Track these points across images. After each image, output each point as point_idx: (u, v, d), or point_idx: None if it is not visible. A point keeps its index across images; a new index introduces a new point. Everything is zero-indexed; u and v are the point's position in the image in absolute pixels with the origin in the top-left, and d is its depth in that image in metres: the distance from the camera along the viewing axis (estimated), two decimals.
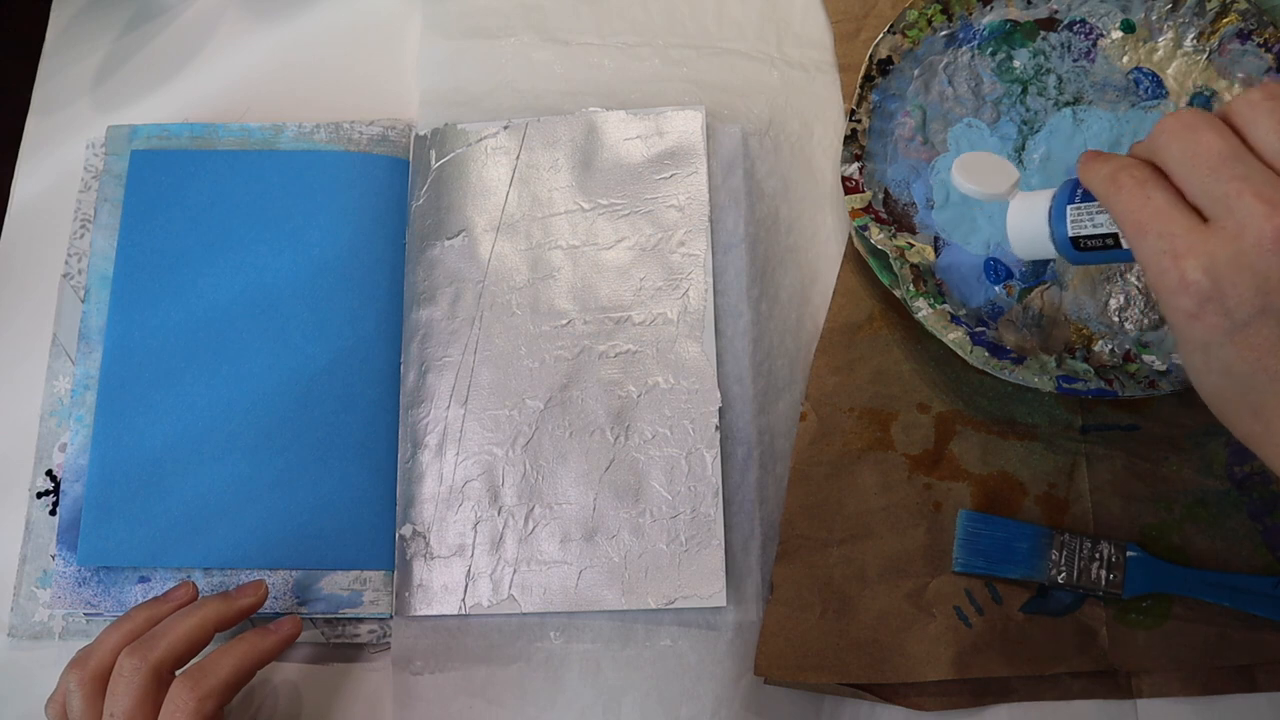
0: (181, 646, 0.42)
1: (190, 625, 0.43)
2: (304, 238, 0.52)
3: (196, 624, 0.43)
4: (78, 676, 0.42)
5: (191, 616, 0.43)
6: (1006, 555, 0.46)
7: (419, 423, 0.50)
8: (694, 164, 0.52)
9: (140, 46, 0.59)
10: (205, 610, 0.44)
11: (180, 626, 0.43)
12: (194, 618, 0.43)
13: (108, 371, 0.51)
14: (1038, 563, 0.45)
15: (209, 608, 0.44)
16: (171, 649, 0.42)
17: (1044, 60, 0.52)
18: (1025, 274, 0.49)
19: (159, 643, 0.42)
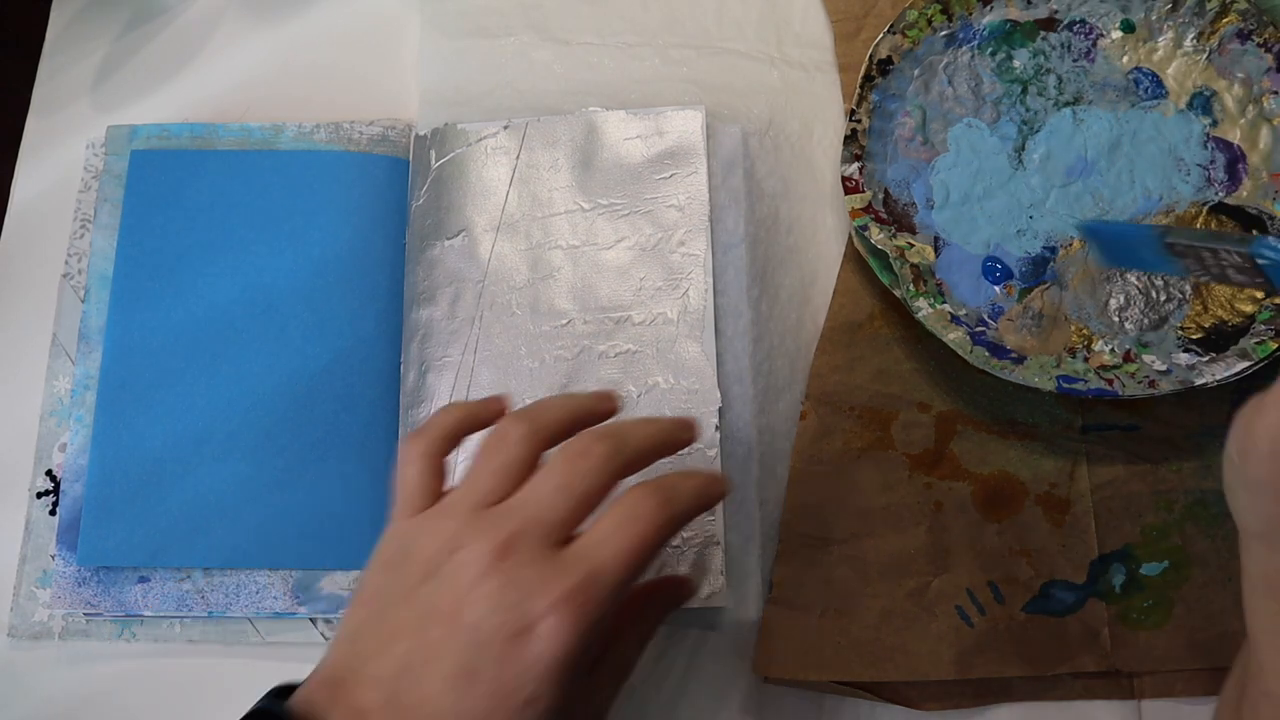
0: (648, 448, 0.38)
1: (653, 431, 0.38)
2: (304, 238, 0.52)
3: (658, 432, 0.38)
4: (525, 429, 0.37)
5: (651, 425, 0.38)
6: (1141, 261, 0.40)
7: (419, 423, 0.50)
8: (694, 164, 0.52)
9: (140, 46, 0.59)
10: (662, 423, 0.39)
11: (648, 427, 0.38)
12: (654, 426, 0.38)
13: (107, 371, 0.51)
14: (1165, 263, 0.39)
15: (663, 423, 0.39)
16: (639, 453, 0.37)
17: (1044, 60, 0.52)
18: (1025, 274, 0.49)
19: (627, 441, 0.37)
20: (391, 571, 0.36)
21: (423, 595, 0.35)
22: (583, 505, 0.36)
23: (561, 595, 0.33)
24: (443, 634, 0.34)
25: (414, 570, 0.35)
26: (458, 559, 0.34)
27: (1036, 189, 0.50)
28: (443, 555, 0.35)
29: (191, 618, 0.49)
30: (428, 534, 0.36)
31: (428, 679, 0.33)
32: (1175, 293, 0.48)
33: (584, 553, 0.35)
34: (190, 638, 0.49)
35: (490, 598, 0.34)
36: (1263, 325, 0.47)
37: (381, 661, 0.34)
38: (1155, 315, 0.48)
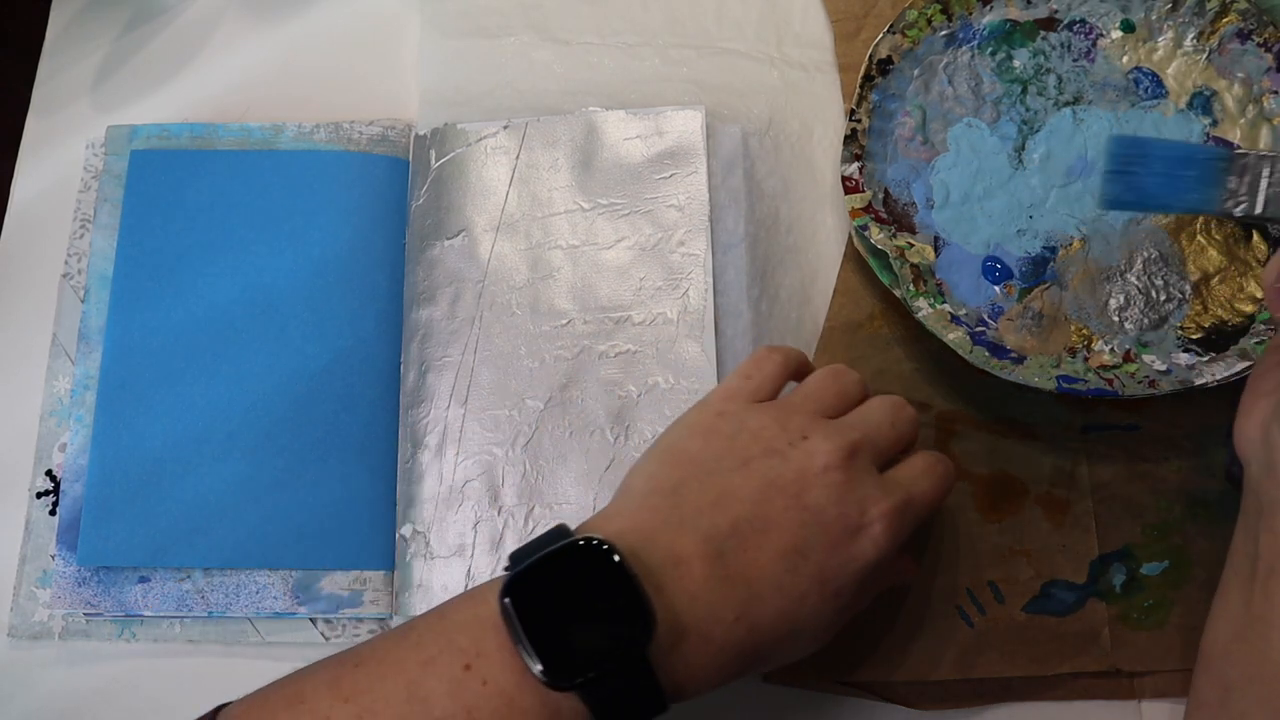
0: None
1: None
2: (304, 238, 0.52)
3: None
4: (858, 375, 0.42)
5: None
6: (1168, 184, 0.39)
7: (419, 423, 0.50)
8: (694, 164, 0.52)
9: (140, 46, 0.59)
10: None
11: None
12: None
13: (107, 371, 0.51)
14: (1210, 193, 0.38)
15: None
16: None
17: (1044, 60, 0.52)
18: (1025, 274, 0.49)
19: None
20: (720, 440, 0.38)
21: (761, 467, 0.37)
22: (901, 444, 0.40)
23: (891, 508, 0.37)
24: (783, 506, 0.36)
25: (752, 445, 0.38)
26: (807, 446, 0.38)
27: (1036, 189, 0.50)
28: (789, 439, 0.38)
29: (191, 618, 0.49)
30: (773, 418, 0.39)
31: (759, 545, 0.36)
32: (1175, 293, 0.48)
33: (904, 481, 0.39)
34: (190, 638, 0.49)
35: (835, 487, 0.37)
36: (1263, 325, 0.47)
37: (710, 518, 0.36)
38: (1155, 315, 0.48)
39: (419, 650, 0.35)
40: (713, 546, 0.36)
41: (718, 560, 0.36)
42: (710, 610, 0.35)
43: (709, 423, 0.40)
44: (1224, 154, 0.38)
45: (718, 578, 0.35)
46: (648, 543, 0.36)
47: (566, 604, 0.34)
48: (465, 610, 0.36)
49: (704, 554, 0.36)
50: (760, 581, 0.36)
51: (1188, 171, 0.38)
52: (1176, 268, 0.49)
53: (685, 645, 0.35)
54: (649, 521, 0.36)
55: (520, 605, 0.34)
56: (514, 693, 0.33)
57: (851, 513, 0.37)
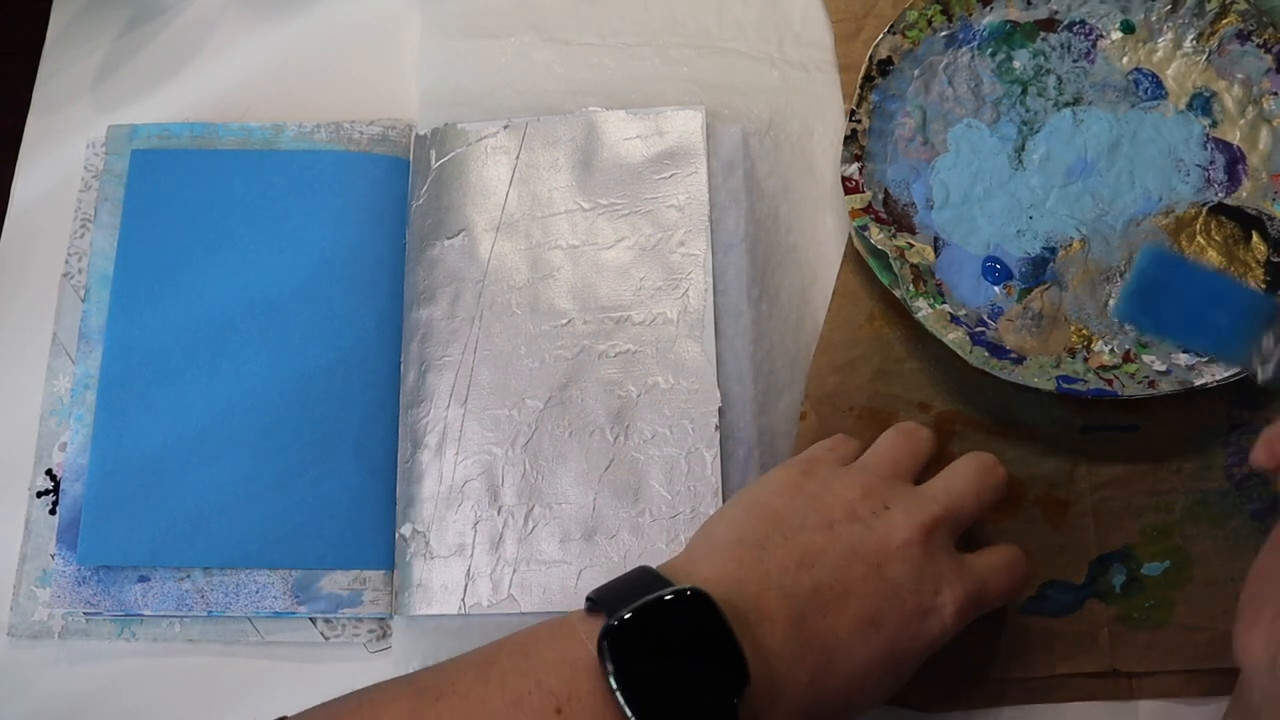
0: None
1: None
2: (304, 238, 0.52)
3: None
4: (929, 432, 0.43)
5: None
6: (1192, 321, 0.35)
7: (419, 422, 0.50)
8: (694, 164, 0.52)
9: (140, 46, 0.59)
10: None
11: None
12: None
13: (107, 371, 0.51)
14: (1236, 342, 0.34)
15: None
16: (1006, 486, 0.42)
17: (1044, 61, 0.52)
18: (1025, 274, 0.49)
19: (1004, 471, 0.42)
20: (806, 500, 0.39)
21: (844, 533, 0.38)
22: (985, 512, 0.41)
23: (964, 594, 0.38)
24: (863, 575, 0.37)
25: (835, 508, 0.38)
26: (889, 518, 0.38)
27: (1036, 189, 0.50)
28: (872, 507, 0.38)
29: (191, 617, 0.49)
30: (856, 483, 0.39)
31: (838, 610, 0.36)
32: None
33: (981, 570, 0.39)
34: (190, 637, 0.49)
35: (914, 563, 0.37)
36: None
37: (795, 577, 0.36)
38: None
39: (505, 688, 0.34)
40: (795, 607, 0.36)
41: (799, 621, 0.36)
42: (788, 670, 0.35)
43: (794, 480, 0.40)
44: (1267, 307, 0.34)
45: (797, 639, 0.36)
46: (737, 595, 0.36)
47: (664, 652, 0.34)
48: (553, 650, 0.35)
49: (787, 614, 0.36)
50: (835, 647, 0.36)
51: (1220, 316, 0.35)
52: None
53: (764, 700, 0.35)
54: (736, 573, 0.37)
55: (617, 651, 0.33)
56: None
57: (926, 591, 0.37)
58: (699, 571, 0.37)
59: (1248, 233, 0.49)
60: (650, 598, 0.34)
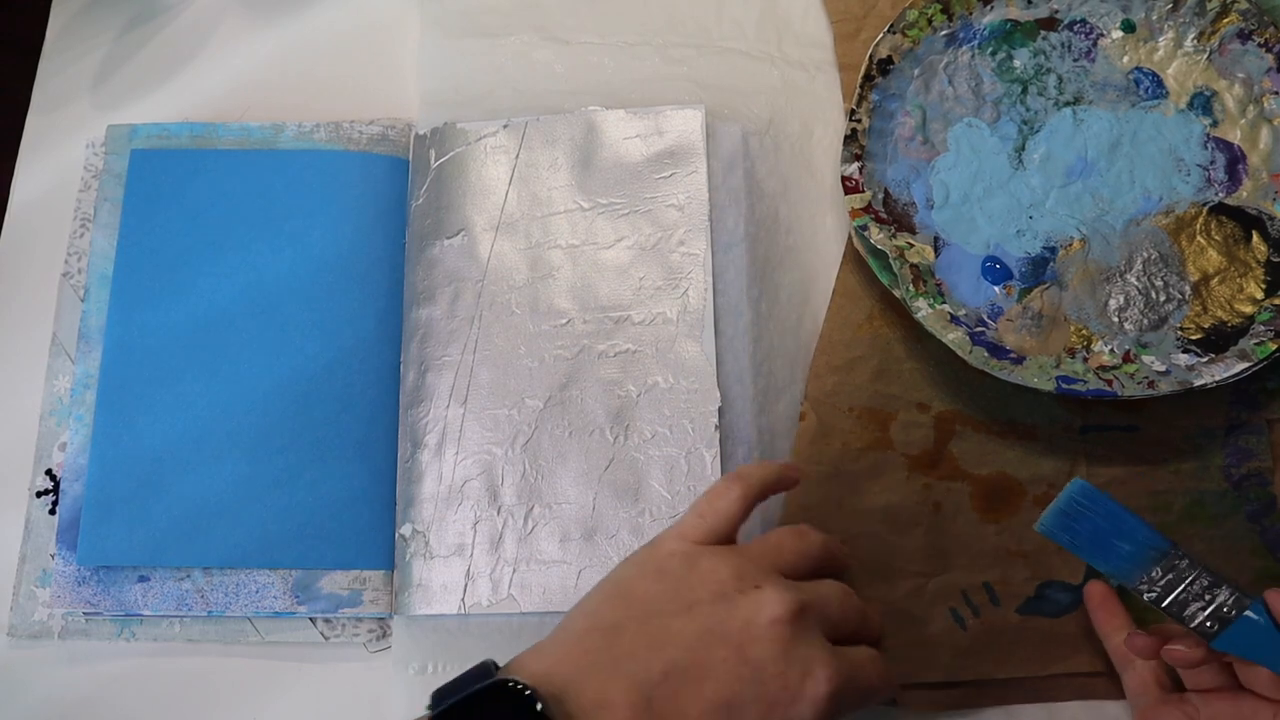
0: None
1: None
2: (304, 238, 0.52)
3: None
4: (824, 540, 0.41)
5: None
6: (1100, 544, 0.40)
7: (418, 422, 0.50)
8: (694, 163, 0.52)
9: (140, 46, 0.59)
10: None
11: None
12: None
13: (107, 371, 0.51)
14: (1132, 569, 0.40)
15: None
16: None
17: (1044, 60, 0.52)
18: (1025, 274, 0.49)
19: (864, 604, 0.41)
20: (669, 582, 0.37)
21: (706, 613, 0.36)
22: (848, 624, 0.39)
23: (837, 675, 0.35)
24: (722, 657, 0.35)
25: (700, 588, 0.36)
26: (758, 596, 0.36)
27: (1036, 189, 0.50)
28: (740, 586, 0.36)
29: (191, 617, 0.49)
30: (726, 563, 0.37)
31: (691, 695, 0.34)
32: (1174, 293, 0.48)
33: (853, 660, 0.37)
34: (190, 637, 0.49)
35: (780, 643, 0.35)
36: (1262, 326, 0.47)
37: (645, 661, 0.35)
38: (1155, 316, 0.48)
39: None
40: (642, 694, 0.34)
41: (644, 708, 0.34)
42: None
43: (660, 562, 0.38)
44: (1164, 547, 0.40)
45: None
46: (574, 686, 0.34)
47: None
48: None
49: (631, 701, 0.34)
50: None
51: (1123, 546, 0.40)
52: (1176, 269, 0.49)
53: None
54: (579, 661, 0.35)
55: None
56: None
57: (793, 674, 0.35)
58: (541, 664, 0.35)
59: (1248, 233, 0.49)
60: (468, 692, 0.33)
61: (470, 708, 0.33)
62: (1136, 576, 0.40)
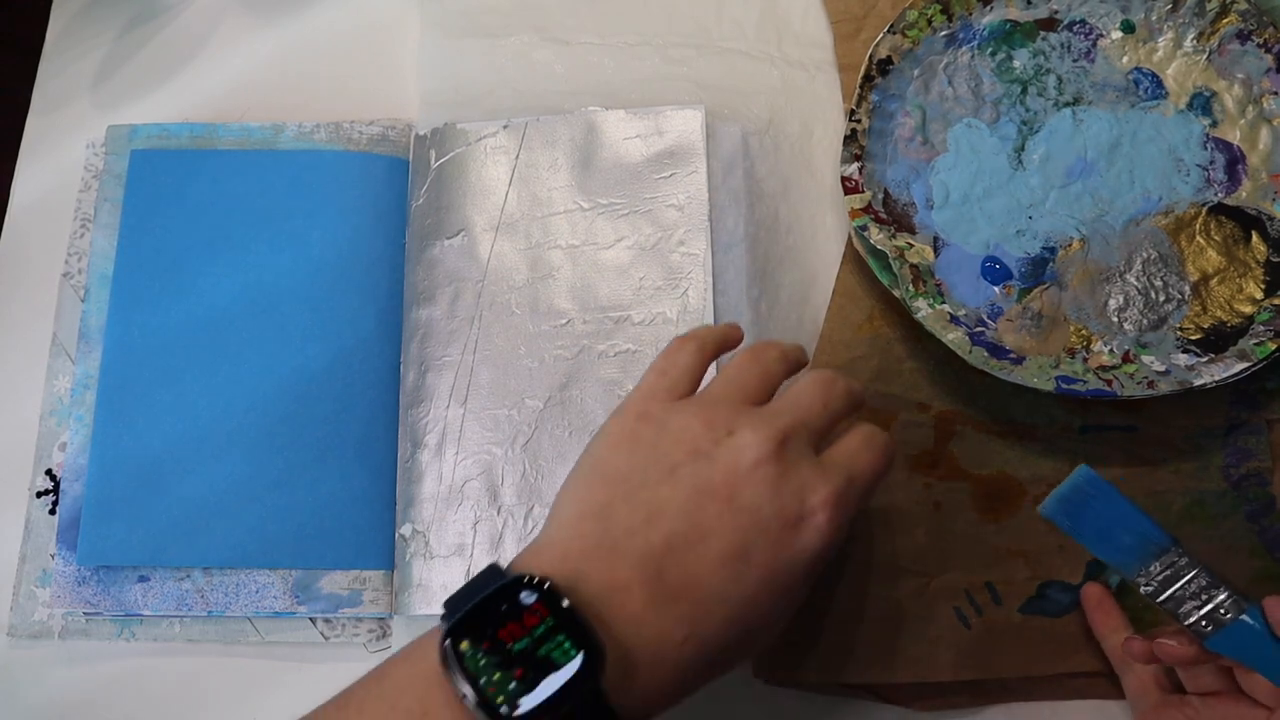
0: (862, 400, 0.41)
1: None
2: (304, 238, 0.52)
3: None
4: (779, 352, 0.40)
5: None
6: (1102, 533, 0.40)
7: (418, 422, 0.50)
8: (694, 163, 0.52)
9: (140, 46, 0.59)
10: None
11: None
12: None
13: (107, 371, 0.51)
14: (1131, 561, 0.40)
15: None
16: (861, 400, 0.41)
17: (1044, 60, 0.52)
18: (1025, 274, 0.49)
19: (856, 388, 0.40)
20: (645, 450, 0.36)
21: (688, 474, 0.35)
22: (836, 420, 0.38)
23: (831, 493, 0.35)
24: (717, 513, 0.34)
25: (676, 450, 0.36)
26: (733, 442, 0.35)
27: (1036, 189, 0.50)
28: (715, 437, 0.36)
29: (191, 617, 0.49)
30: (695, 417, 0.36)
31: (697, 558, 0.34)
32: (1174, 294, 0.48)
33: (842, 460, 0.37)
34: (190, 637, 0.49)
35: (769, 482, 0.35)
36: (1262, 326, 0.47)
37: (644, 537, 0.34)
38: (1154, 316, 0.48)
39: (362, 717, 0.33)
40: (650, 568, 0.34)
41: (657, 581, 0.34)
42: (658, 633, 0.34)
43: (630, 430, 0.37)
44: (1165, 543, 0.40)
45: (660, 598, 0.34)
46: (581, 574, 0.34)
47: None
48: (404, 669, 0.34)
49: (642, 577, 0.34)
50: (705, 595, 0.34)
51: (1125, 538, 0.40)
52: (1175, 269, 0.49)
53: (637, 672, 0.33)
54: (580, 550, 0.35)
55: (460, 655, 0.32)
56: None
57: (790, 506, 0.35)
58: (543, 559, 0.35)
59: (1248, 233, 0.49)
60: (481, 596, 0.33)
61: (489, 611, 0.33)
62: (1135, 569, 0.40)
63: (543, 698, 0.31)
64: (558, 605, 0.32)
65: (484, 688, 0.31)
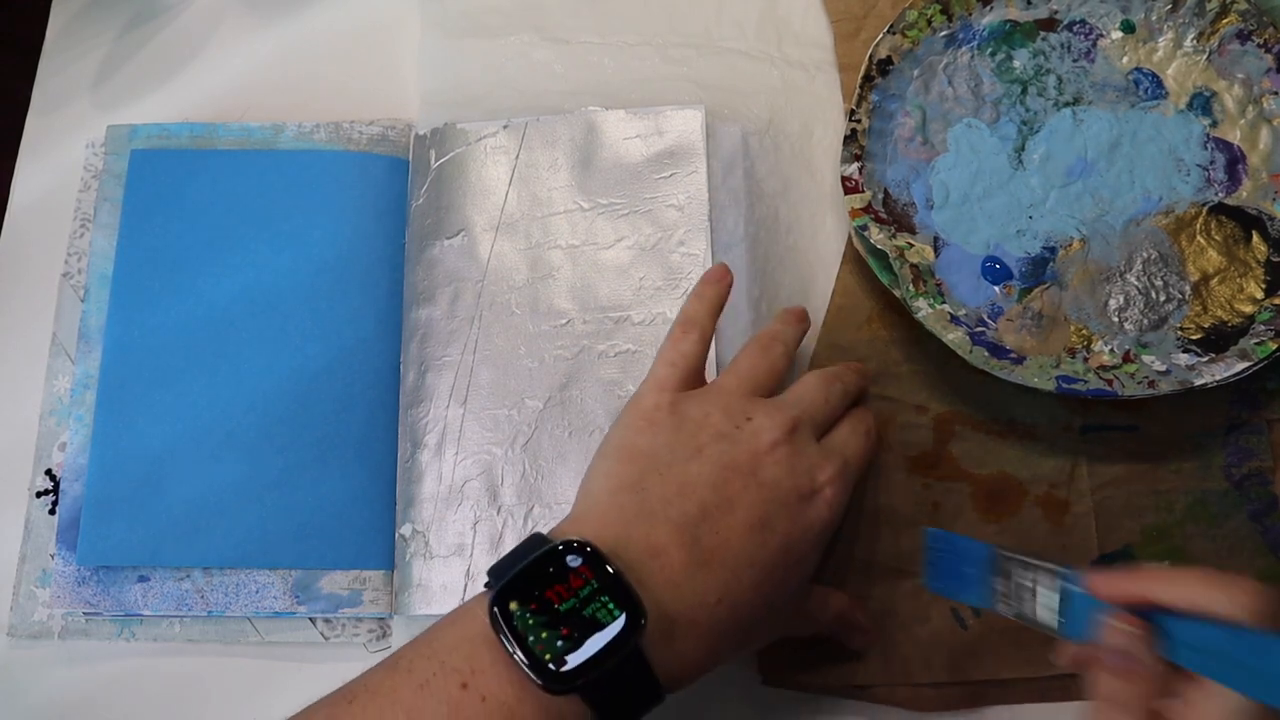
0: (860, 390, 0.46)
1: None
2: (304, 238, 0.52)
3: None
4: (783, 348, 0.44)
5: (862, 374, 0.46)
6: (961, 580, 0.39)
7: (418, 422, 0.50)
8: (694, 163, 0.52)
9: (140, 46, 0.59)
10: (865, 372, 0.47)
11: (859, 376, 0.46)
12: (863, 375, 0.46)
13: (107, 371, 0.51)
14: (984, 591, 0.38)
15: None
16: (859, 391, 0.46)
17: (1044, 60, 0.52)
18: (1025, 274, 0.49)
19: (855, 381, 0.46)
20: (670, 432, 0.40)
21: (714, 453, 0.39)
22: (834, 415, 0.43)
23: (835, 472, 0.40)
24: (741, 486, 0.38)
25: (700, 432, 0.40)
26: (752, 427, 0.40)
27: (1036, 189, 0.50)
28: (734, 422, 0.40)
29: (191, 617, 0.49)
30: (714, 405, 0.41)
31: (727, 526, 0.37)
32: (1174, 293, 0.48)
33: (838, 446, 0.42)
34: (190, 637, 0.49)
35: (784, 462, 0.39)
36: (1262, 326, 0.47)
37: (679, 506, 0.37)
38: (1155, 316, 0.48)
39: (411, 676, 0.35)
40: (687, 534, 0.37)
41: (693, 546, 0.37)
42: (694, 595, 0.36)
43: (650, 416, 0.41)
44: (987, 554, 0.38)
45: (696, 563, 0.37)
46: (624, 538, 0.36)
47: None
48: (452, 631, 0.36)
49: (679, 542, 0.37)
50: (735, 559, 0.37)
51: (970, 570, 0.39)
52: (1176, 268, 0.49)
53: (675, 633, 0.36)
54: (619, 518, 0.37)
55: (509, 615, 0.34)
56: (515, 704, 0.34)
57: (803, 482, 0.39)
58: (584, 527, 0.37)
59: (1248, 233, 0.49)
60: (531, 558, 0.35)
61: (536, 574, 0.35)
62: (993, 598, 0.38)
63: (588, 655, 0.33)
64: (602, 568, 0.35)
65: (532, 646, 0.33)
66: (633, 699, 0.35)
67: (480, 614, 0.35)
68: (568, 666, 0.33)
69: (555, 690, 0.33)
